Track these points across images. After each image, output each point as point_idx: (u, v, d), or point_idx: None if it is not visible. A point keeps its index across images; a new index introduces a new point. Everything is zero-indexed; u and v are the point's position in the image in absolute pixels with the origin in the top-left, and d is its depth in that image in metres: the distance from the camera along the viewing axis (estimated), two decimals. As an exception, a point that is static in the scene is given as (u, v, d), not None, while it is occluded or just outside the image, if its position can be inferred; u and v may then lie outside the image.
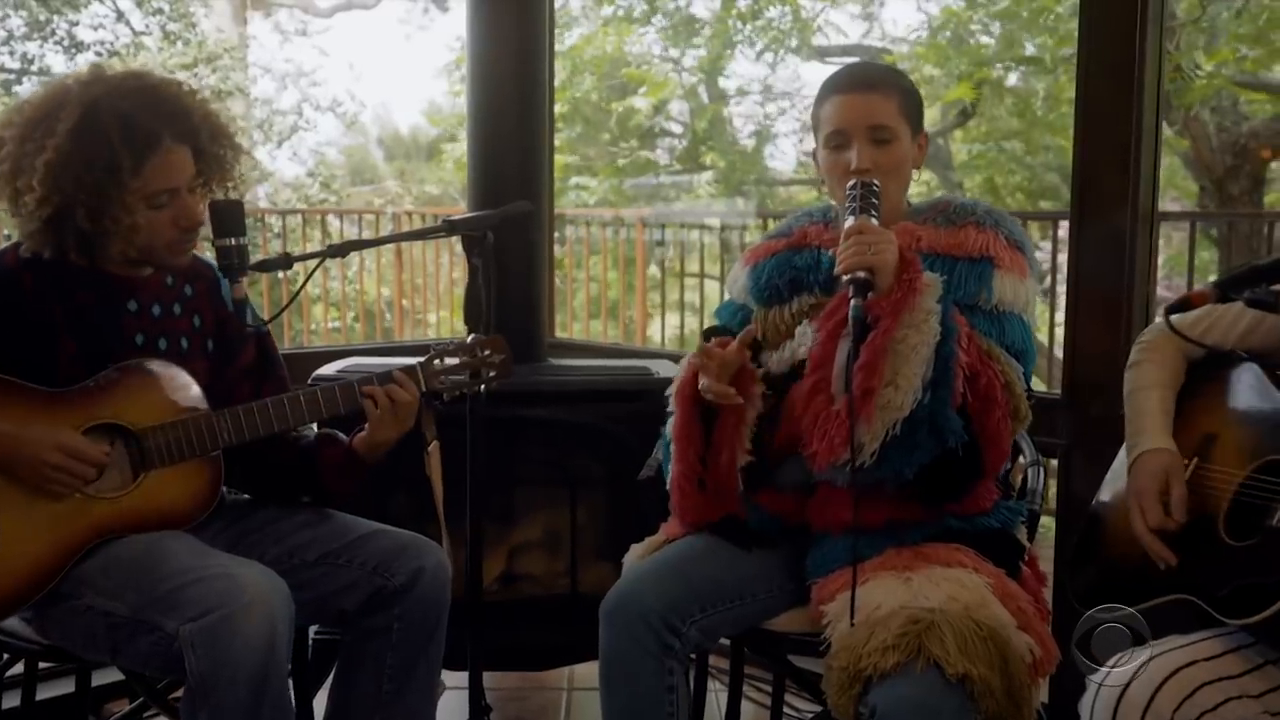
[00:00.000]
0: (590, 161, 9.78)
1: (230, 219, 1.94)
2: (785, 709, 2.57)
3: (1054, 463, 2.66)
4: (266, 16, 15.52)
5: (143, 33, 9.71)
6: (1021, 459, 2.25)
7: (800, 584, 2.02)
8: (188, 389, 2.01)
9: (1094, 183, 2.54)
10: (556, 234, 6.23)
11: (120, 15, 9.71)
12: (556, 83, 9.21)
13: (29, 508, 1.86)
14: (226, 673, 1.74)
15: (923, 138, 2.11)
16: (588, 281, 7.83)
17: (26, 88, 9.52)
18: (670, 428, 2.13)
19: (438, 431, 2.19)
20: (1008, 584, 1.90)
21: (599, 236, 7.59)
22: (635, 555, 2.14)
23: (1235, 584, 1.57)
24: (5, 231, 4.09)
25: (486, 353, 2.13)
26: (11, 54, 9.44)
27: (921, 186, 10.90)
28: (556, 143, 9.45)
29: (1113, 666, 1.60)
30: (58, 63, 9.49)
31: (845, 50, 9.93)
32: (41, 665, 2.22)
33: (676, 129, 10.42)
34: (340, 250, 2.12)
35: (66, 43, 9.46)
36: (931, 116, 9.81)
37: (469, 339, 2.12)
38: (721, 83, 10.06)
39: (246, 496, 2.24)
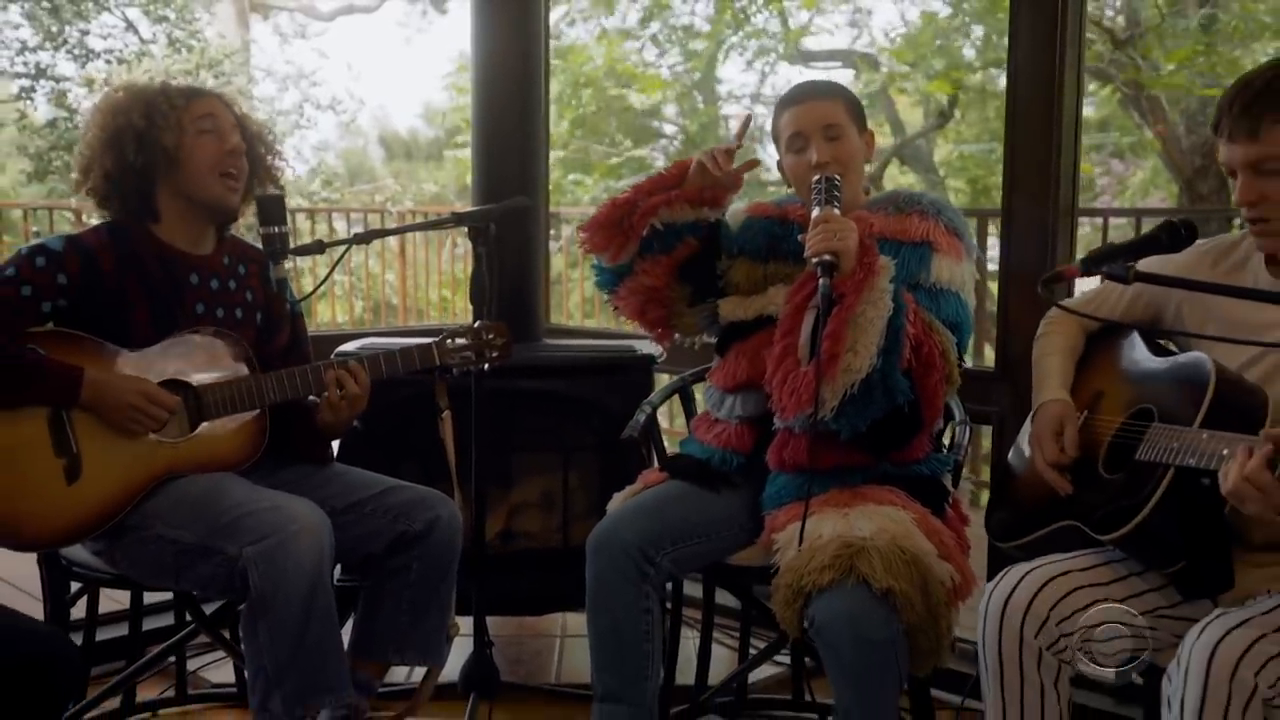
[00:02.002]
0: (586, 161, 10.11)
1: (274, 210, 2.29)
2: (750, 644, 2.90)
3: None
4: (265, 19, 15.83)
5: (150, 41, 10.05)
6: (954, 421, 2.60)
7: (756, 521, 2.36)
8: (241, 354, 2.36)
9: (1021, 182, 2.86)
10: (553, 233, 6.55)
11: (129, 24, 10.04)
12: (556, 96, 9.53)
13: (107, 450, 2.21)
14: (282, 589, 2.08)
15: (868, 135, 2.45)
16: (582, 281, 8.14)
17: (40, 95, 9.87)
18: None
19: (450, 401, 2.54)
20: (932, 521, 2.24)
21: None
22: (617, 500, 2.47)
23: (1106, 508, 1.90)
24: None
25: (491, 336, 2.46)
26: (25, 63, 9.78)
27: (902, 184, 11.23)
28: (554, 144, 9.77)
29: (1002, 577, 1.94)
30: (69, 70, 9.86)
31: (832, 54, 10.26)
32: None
33: (670, 130, 10.74)
34: (366, 238, 2.48)
35: (77, 51, 9.80)
36: (914, 119, 10.17)
37: (476, 324, 2.46)
38: (714, 87, 10.39)
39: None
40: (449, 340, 2.45)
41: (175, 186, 2.35)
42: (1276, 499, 1.55)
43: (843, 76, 10.29)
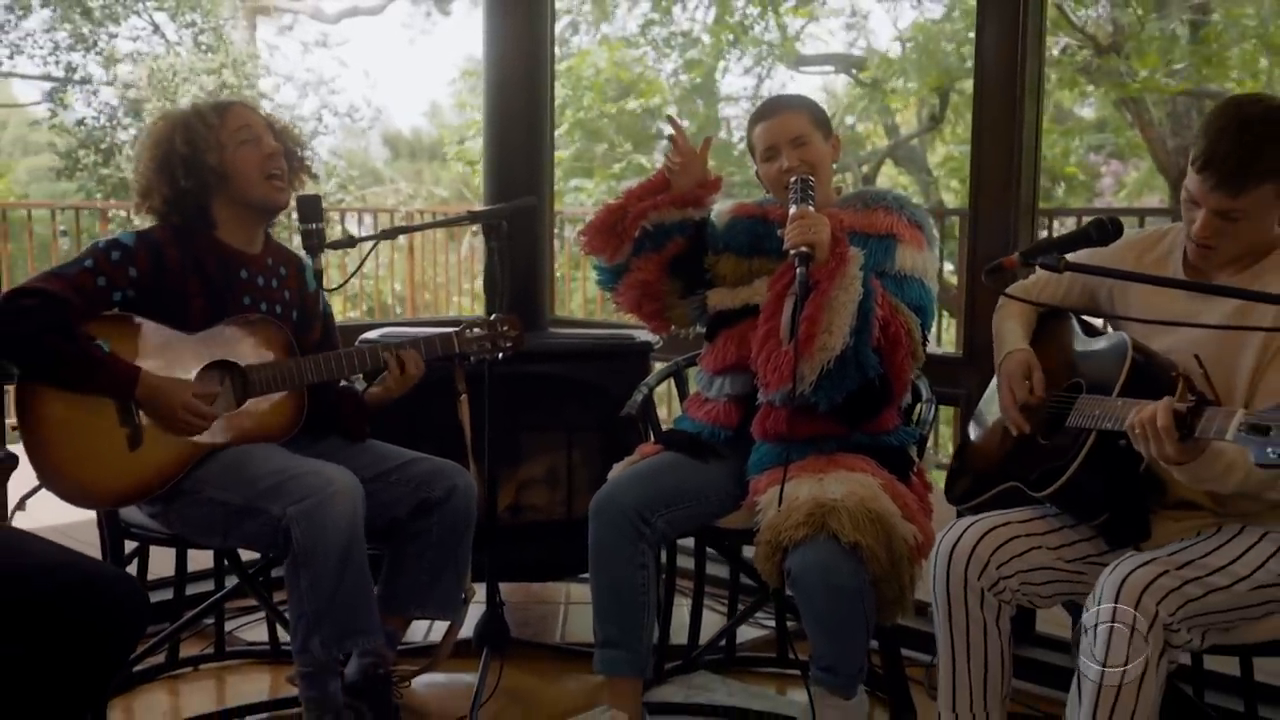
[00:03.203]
0: (589, 165, 10.40)
1: (311, 208, 2.58)
2: (738, 607, 3.18)
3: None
4: (268, 17, 16.09)
5: (176, 44, 10.38)
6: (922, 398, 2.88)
7: (743, 489, 2.64)
8: (283, 340, 2.64)
9: (985, 183, 3.13)
10: (556, 232, 6.84)
11: (156, 28, 10.38)
12: (560, 101, 9.79)
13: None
14: (321, 544, 2.35)
15: (834, 140, 2.73)
16: (584, 283, 8.40)
17: (73, 95, 10.19)
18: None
19: (466, 385, 2.82)
20: (898, 486, 2.52)
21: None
22: (617, 470, 2.75)
23: (1041, 469, 2.17)
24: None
25: (505, 328, 2.74)
26: (57, 63, 10.12)
27: (899, 186, 11.47)
28: (558, 147, 10.08)
29: (950, 528, 2.21)
30: (98, 72, 10.18)
31: (829, 59, 10.52)
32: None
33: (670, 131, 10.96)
34: (391, 234, 2.78)
35: (106, 53, 10.13)
36: (909, 121, 10.42)
37: (492, 317, 2.73)
38: (714, 89, 10.66)
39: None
40: (468, 330, 2.72)
41: (228, 196, 2.63)
42: (1162, 446, 1.81)
43: (837, 81, 10.56)
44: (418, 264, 8.52)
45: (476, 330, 2.72)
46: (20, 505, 2.51)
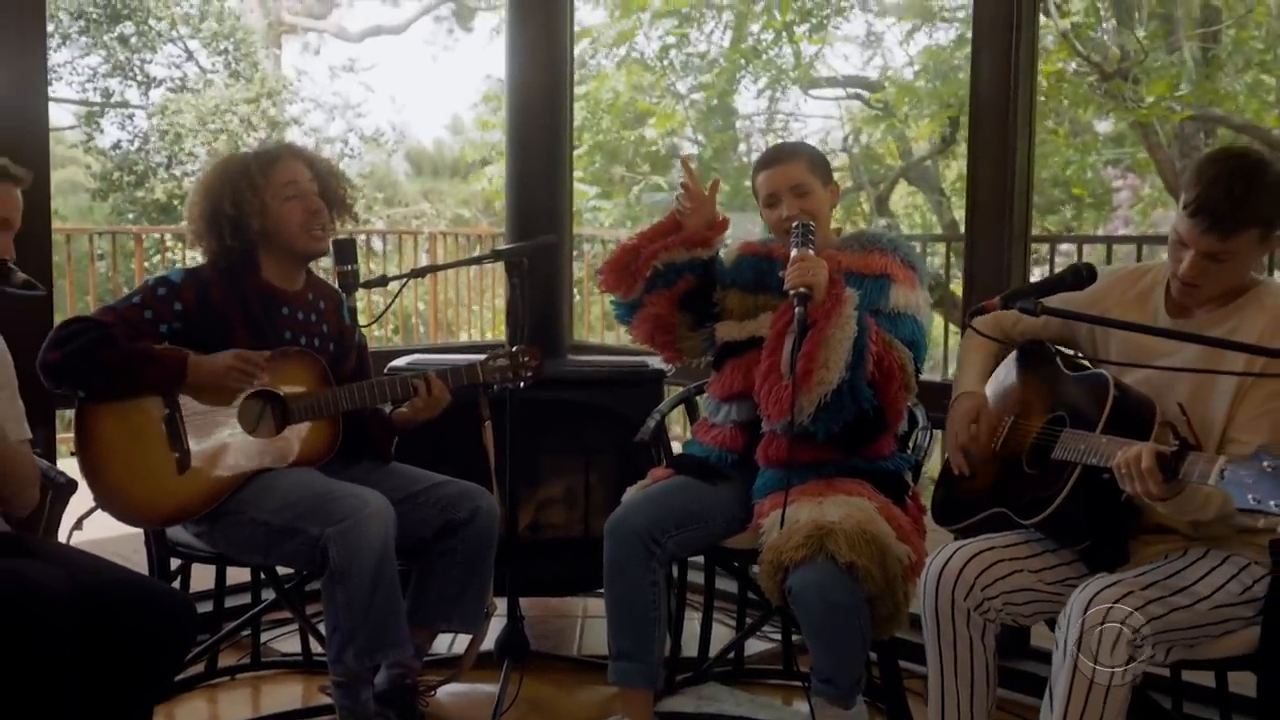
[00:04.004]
0: (608, 187, 10.61)
1: (347, 251, 2.79)
2: (746, 622, 3.35)
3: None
4: (293, 35, 16.35)
5: (211, 71, 10.67)
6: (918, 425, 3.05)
7: (748, 511, 2.81)
8: (319, 370, 2.83)
9: (981, 211, 3.30)
10: (575, 252, 7.02)
11: (190, 55, 10.66)
12: (578, 124, 9.97)
13: (222, 443, 2.71)
14: (356, 563, 2.54)
15: (833, 186, 2.90)
16: (603, 298, 8.56)
17: (108, 120, 10.50)
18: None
19: (490, 412, 3.00)
20: (893, 509, 2.68)
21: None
22: (630, 492, 2.93)
23: (1028, 498, 2.33)
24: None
25: (526, 358, 2.92)
26: (95, 89, 10.42)
27: (913, 207, 11.62)
28: (578, 171, 10.28)
29: (939, 552, 2.38)
30: (134, 97, 10.50)
31: (846, 81, 10.69)
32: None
33: (689, 149, 11.16)
34: (421, 272, 2.98)
35: (141, 79, 10.43)
36: (921, 143, 10.58)
37: (514, 349, 2.91)
38: (730, 109, 10.84)
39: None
40: (491, 360, 2.90)
41: (272, 246, 2.84)
42: (1147, 486, 1.98)
43: (850, 104, 10.72)
44: (440, 281, 8.72)
45: (499, 361, 2.90)
46: (78, 525, 2.70)
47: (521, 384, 2.92)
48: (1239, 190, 2.11)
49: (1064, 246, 7.14)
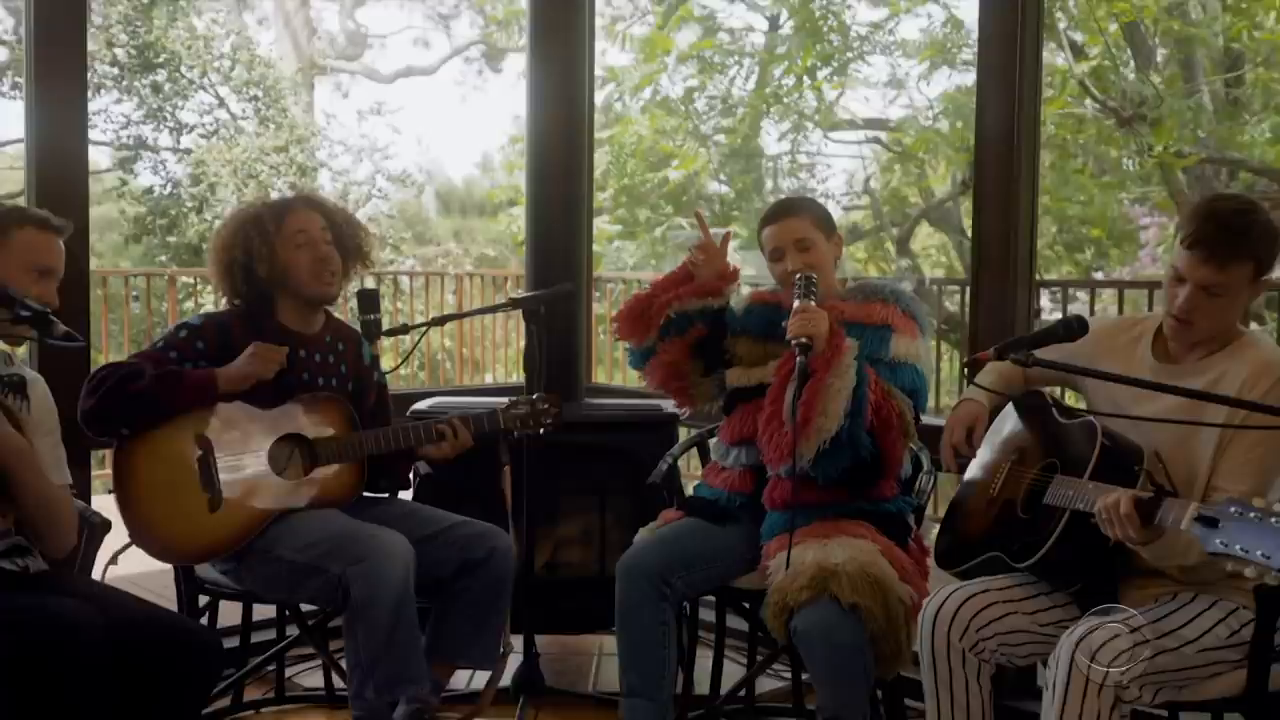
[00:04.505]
0: (632, 228, 10.76)
1: (370, 302, 2.92)
2: (756, 660, 3.42)
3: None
4: (325, 76, 16.66)
5: (241, 117, 10.95)
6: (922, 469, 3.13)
7: (757, 552, 2.89)
8: (346, 414, 2.95)
9: (986, 256, 3.39)
10: (598, 293, 7.14)
11: (221, 101, 10.95)
12: (604, 168, 10.13)
13: (252, 484, 2.83)
14: (376, 600, 2.64)
15: (836, 239, 3.00)
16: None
17: (141, 165, 10.80)
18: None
19: (510, 457, 3.09)
20: (895, 550, 2.76)
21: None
22: (642, 534, 3.02)
23: (1022, 542, 2.41)
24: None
25: (546, 406, 3.03)
26: (129, 136, 10.72)
27: (934, 247, 11.69)
28: (604, 215, 10.42)
29: (936, 594, 2.46)
30: (165, 141, 10.78)
31: (866, 124, 10.83)
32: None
33: (716, 189, 11.31)
34: (441, 320, 3.10)
35: (173, 125, 10.73)
36: (942, 187, 10.68)
37: (535, 396, 3.02)
38: (755, 149, 10.99)
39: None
40: (512, 408, 3.01)
41: (284, 291, 2.97)
42: (1125, 530, 2.06)
43: (871, 147, 10.85)
44: (466, 321, 8.85)
45: (520, 408, 3.00)
46: (113, 560, 2.82)
47: (541, 431, 3.02)
48: (1236, 223, 2.25)
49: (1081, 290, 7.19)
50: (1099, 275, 11.13)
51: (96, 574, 2.72)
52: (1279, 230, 2.31)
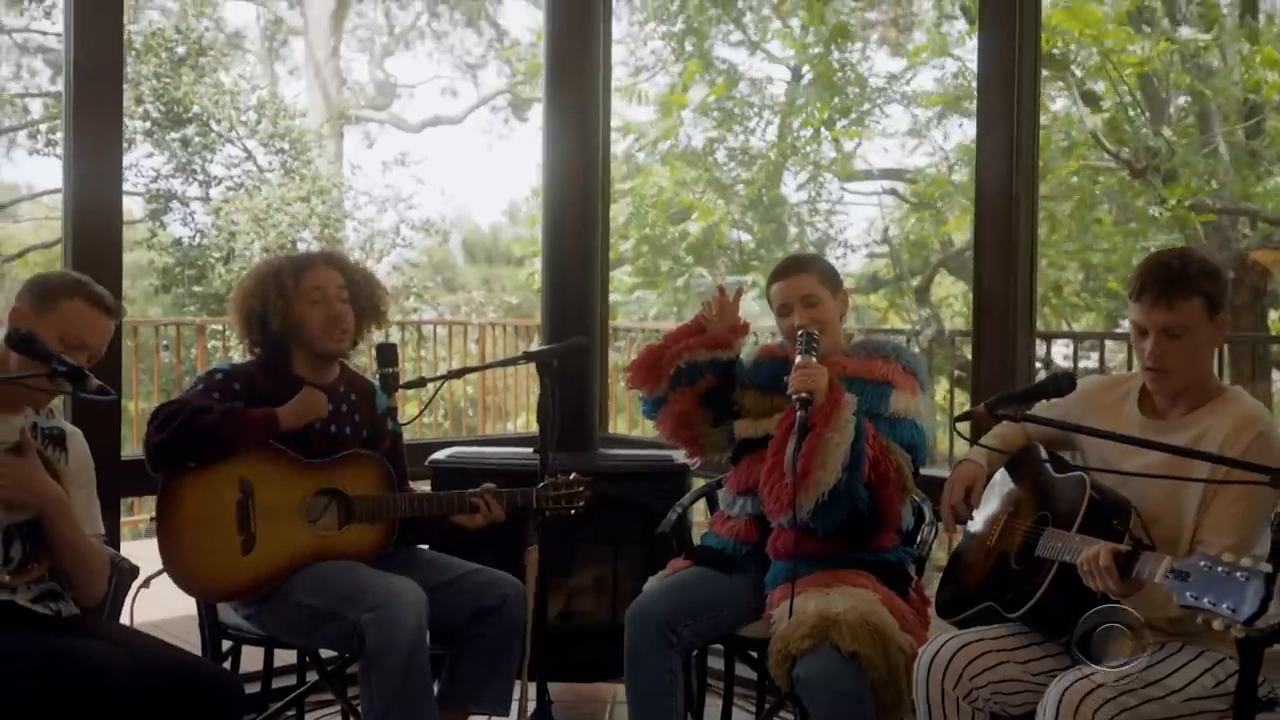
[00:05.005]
0: (654, 278, 10.91)
1: (388, 355, 3.03)
2: (765, 707, 3.49)
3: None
4: (353, 126, 16.94)
5: (268, 169, 11.21)
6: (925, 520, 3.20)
7: (762, 601, 2.97)
8: (385, 475, 3.06)
9: (987, 307, 3.49)
10: (619, 344, 7.25)
11: (248, 154, 11.22)
12: (626, 218, 10.25)
13: (275, 533, 2.93)
14: (390, 648, 2.74)
15: (842, 295, 3.11)
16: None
17: (171, 218, 11.06)
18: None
19: (538, 537, 3.13)
20: (896, 600, 2.84)
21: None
22: (650, 583, 3.10)
23: (1015, 592, 2.49)
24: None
25: (580, 488, 3.12)
26: (159, 190, 11.00)
27: (954, 296, 11.75)
28: (626, 266, 10.52)
29: (931, 643, 2.53)
30: (194, 191, 11.05)
31: (883, 174, 10.96)
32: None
33: (739, 236, 11.43)
34: (457, 374, 3.20)
35: (202, 178, 11.01)
36: (960, 235, 10.76)
37: (571, 477, 3.10)
38: (774, 202, 11.13)
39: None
40: (548, 489, 3.09)
41: (298, 343, 3.10)
42: (1105, 581, 2.14)
43: (887, 200, 10.98)
44: (487, 370, 8.97)
45: (554, 489, 3.09)
46: (145, 584, 2.93)
47: (573, 512, 3.12)
48: (1175, 265, 2.40)
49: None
50: (1125, 324, 11.14)
51: (130, 595, 2.82)
52: (1220, 270, 2.47)
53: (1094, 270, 10.52)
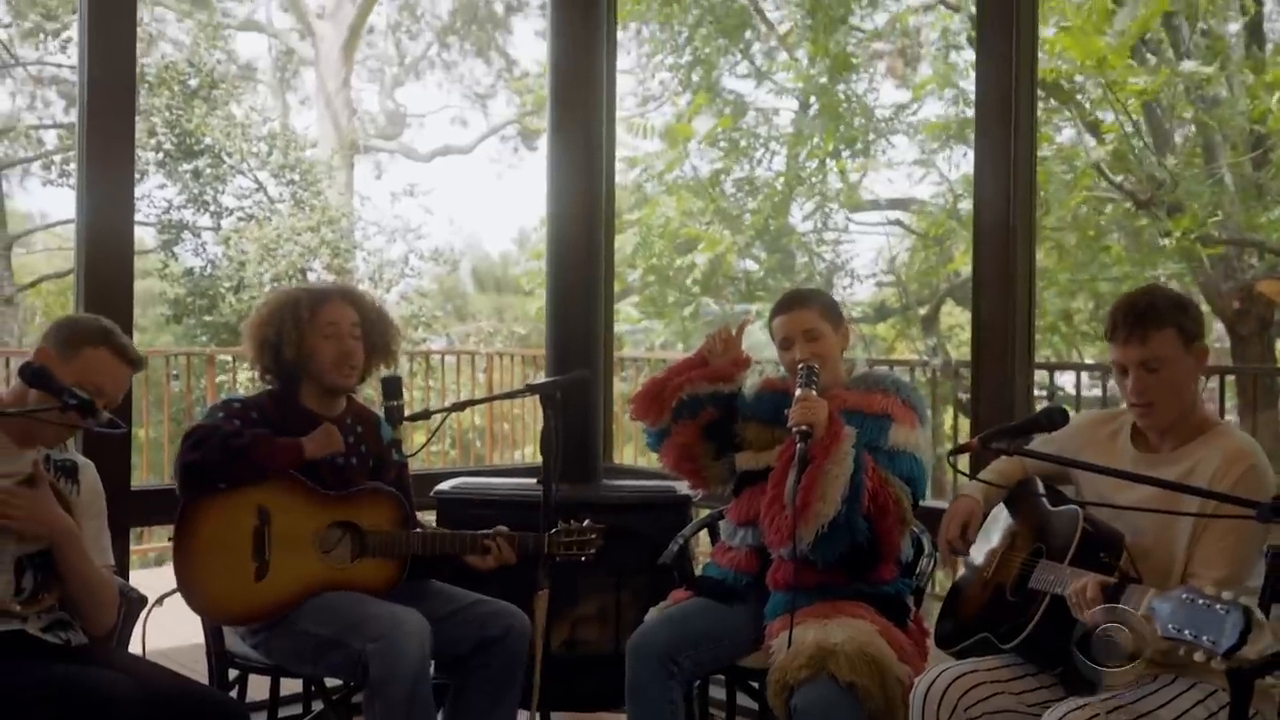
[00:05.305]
0: (661, 308, 10.97)
1: (394, 388, 3.08)
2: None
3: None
4: (364, 155, 17.08)
5: (278, 200, 11.33)
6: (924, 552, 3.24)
7: (762, 632, 3.00)
8: (402, 514, 3.10)
9: (986, 340, 3.53)
10: (624, 374, 7.28)
11: (259, 186, 11.34)
12: (632, 250, 10.28)
13: (289, 562, 2.97)
14: (393, 677, 2.78)
15: (844, 329, 3.15)
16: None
17: (182, 248, 11.18)
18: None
19: (549, 582, 3.14)
20: (894, 631, 2.87)
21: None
22: (652, 613, 3.14)
23: (1009, 623, 2.52)
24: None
25: (592, 535, 3.15)
26: (170, 221, 11.12)
27: (961, 325, 11.78)
28: (632, 292, 10.52)
29: (927, 673, 2.56)
30: (206, 222, 11.17)
31: (889, 204, 11.02)
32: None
33: (748, 265, 11.49)
34: (460, 406, 3.25)
35: (214, 208, 11.13)
36: (966, 265, 10.80)
37: (585, 523, 3.13)
38: (782, 231, 11.19)
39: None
40: (560, 535, 3.12)
41: (308, 375, 3.16)
42: (1087, 612, 2.18)
43: (894, 229, 11.04)
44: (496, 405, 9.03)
45: (566, 536, 3.12)
46: (159, 602, 2.96)
47: (584, 559, 3.15)
48: (1142, 301, 2.48)
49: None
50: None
51: (135, 644, 2.86)
52: (1188, 300, 2.55)
53: (1104, 299, 10.53)
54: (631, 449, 8.21)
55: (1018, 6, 3.48)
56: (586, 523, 3.13)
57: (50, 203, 24.57)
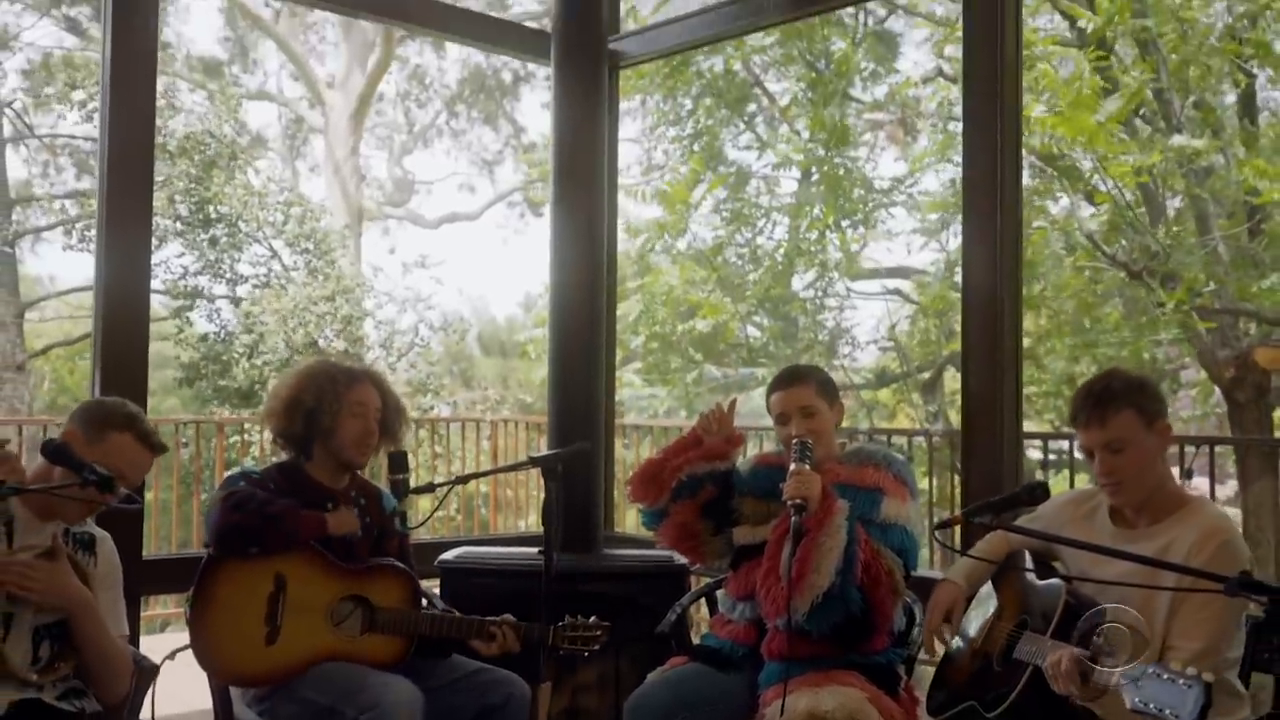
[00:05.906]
0: (664, 374, 11.09)
1: (400, 463, 3.19)
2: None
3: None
4: (372, 222, 17.29)
5: (292, 269, 11.52)
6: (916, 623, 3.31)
7: (756, 700, 3.07)
8: (413, 592, 3.19)
9: (975, 411, 3.64)
10: (627, 440, 7.37)
11: (274, 253, 11.55)
12: (635, 316, 10.37)
13: (300, 629, 3.05)
14: None
15: (838, 405, 3.25)
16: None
17: (197, 314, 11.38)
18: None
19: (552, 675, 3.26)
20: (884, 699, 2.94)
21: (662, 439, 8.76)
22: (650, 676, 3.20)
23: (994, 692, 2.60)
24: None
25: (598, 632, 3.20)
26: (186, 287, 11.33)
27: (959, 390, 11.87)
28: (636, 359, 10.59)
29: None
30: (221, 290, 11.37)
31: (888, 273, 11.18)
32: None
33: (752, 333, 11.62)
34: (463, 480, 3.35)
35: (229, 276, 11.33)
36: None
37: (591, 619, 3.19)
38: (785, 299, 11.34)
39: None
40: (565, 630, 3.17)
41: (325, 445, 3.27)
42: (1068, 685, 2.26)
43: (894, 298, 11.18)
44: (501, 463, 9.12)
45: (572, 631, 3.17)
46: (171, 656, 3.02)
47: (587, 654, 3.21)
48: (1098, 387, 2.65)
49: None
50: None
51: (145, 712, 2.93)
52: (1146, 381, 2.70)
53: (1106, 365, 10.63)
54: (632, 515, 8.28)
55: (1002, 86, 3.61)
56: (593, 619, 3.19)
57: (60, 267, 24.88)
